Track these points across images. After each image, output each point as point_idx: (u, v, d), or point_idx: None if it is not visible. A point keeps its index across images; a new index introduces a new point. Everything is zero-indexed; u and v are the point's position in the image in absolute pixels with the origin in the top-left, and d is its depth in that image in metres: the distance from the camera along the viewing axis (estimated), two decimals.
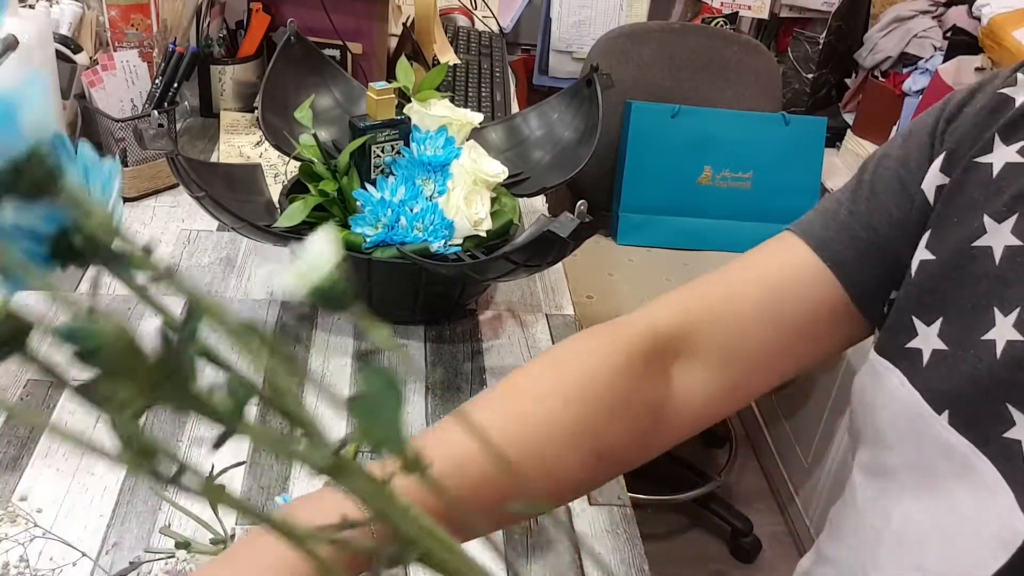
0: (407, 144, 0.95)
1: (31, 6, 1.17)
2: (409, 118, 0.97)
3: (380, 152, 0.94)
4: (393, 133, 0.94)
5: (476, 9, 1.92)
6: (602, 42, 1.91)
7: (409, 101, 0.99)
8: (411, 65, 1.02)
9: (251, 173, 0.99)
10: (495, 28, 1.92)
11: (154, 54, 1.24)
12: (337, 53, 1.34)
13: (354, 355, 0.90)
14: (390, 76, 1.33)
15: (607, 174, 1.92)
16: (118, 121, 1.09)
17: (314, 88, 1.06)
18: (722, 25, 2.11)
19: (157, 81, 1.15)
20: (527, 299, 1.02)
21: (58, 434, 0.22)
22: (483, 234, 0.92)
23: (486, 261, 0.84)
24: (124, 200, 1.12)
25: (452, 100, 1.04)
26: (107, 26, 1.23)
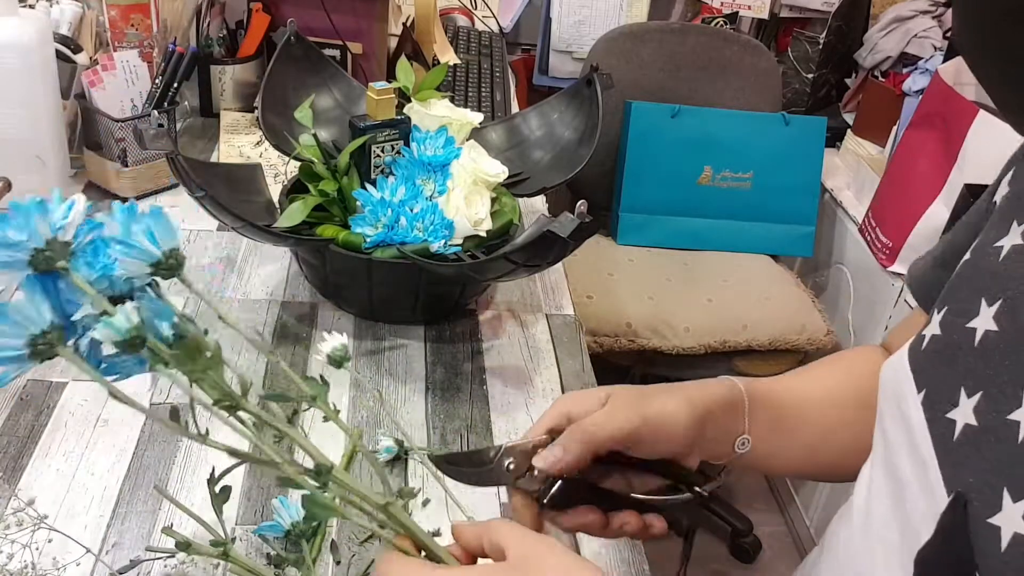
0: (407, 144, 0.95)
1: (31, 6, 1.17)
2: (409, 118, 0.97)
3: (380, 152, 0.94)
4: (393, 133, 0.94)
5: (476, 9, 1.92)
6: (602, 42, 1.91)
7: (409, 101, 0.99)
8: (411, 65, 1.02)
9: (251, 173, 0.99)
10: (495, 28, 1.92)
11: (154, 54, 1.24)
12: (337, 53, 1.34)
13: (354, 355, 0.90)
14: (390, 76, 1.33)
15: (607, 174, 1.92)
16: (118, 121, 1.09)
17: (314, 88, 1.06)
18: (722, 25, 2.11)
19: (157, 81, 1.15)
20: (527, 299, 1.02)
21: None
22: (483, 234, 0.92)
23: (486, 261, 0.84)
24: (124, 200, 1.12)
25: (452, 100, 1.04)
26: (107, 26, 1.23)
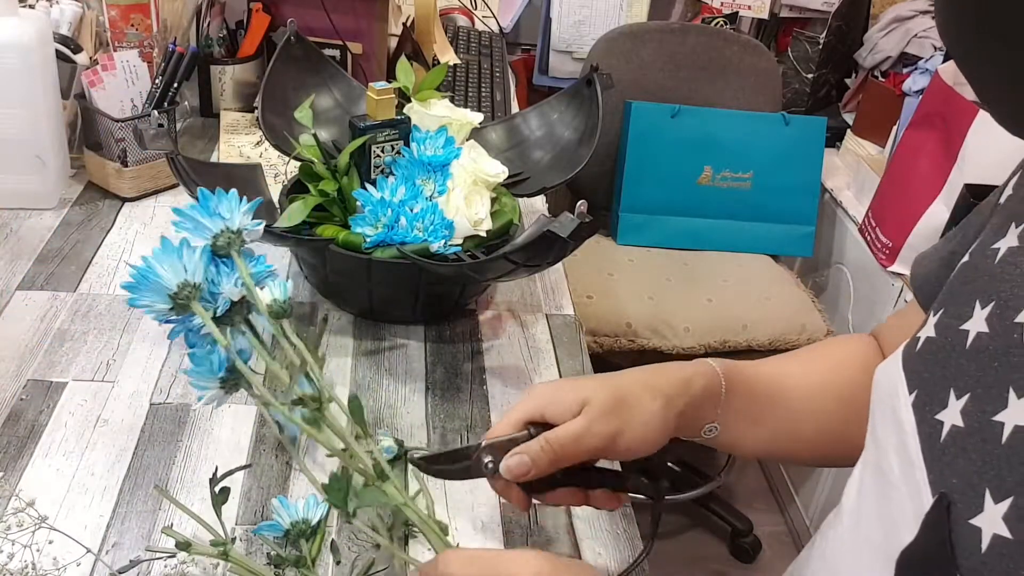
0: (407, 144, 0.95)
1: (31, 6, 1.17)
2: (409, 118, 0.97)
3: (380, 152, 0.94)
4: (393, 133, 0.94)
5: (476, 9, 1.92)
6: (602, 42, 1.91)
7: (409, 101, 0.99)
8: (411, 65, 1.02)
9: (251, 173, 0.99)
10: (495, 28, 1.92)
11: (154, 54, 1.24)
12: (337, 53, 1.34)
13: (355, 355, 0.90)
14: (390, 76, 1.33)
15: (607, 174, 1.92)
16: (118, 121, 1.09)
17: (314, 88, 1.06)
18: (722, 25, 2.11)
19: (157, 81, 1.15)
20: (527, 299, 1.02)
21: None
22: (483, 234, 0.92)
23: (486, 261, 0.84)
24: (124, 200, 1.12)
25: (452, 100, 1.04)
26: (107, 26, 1.23)
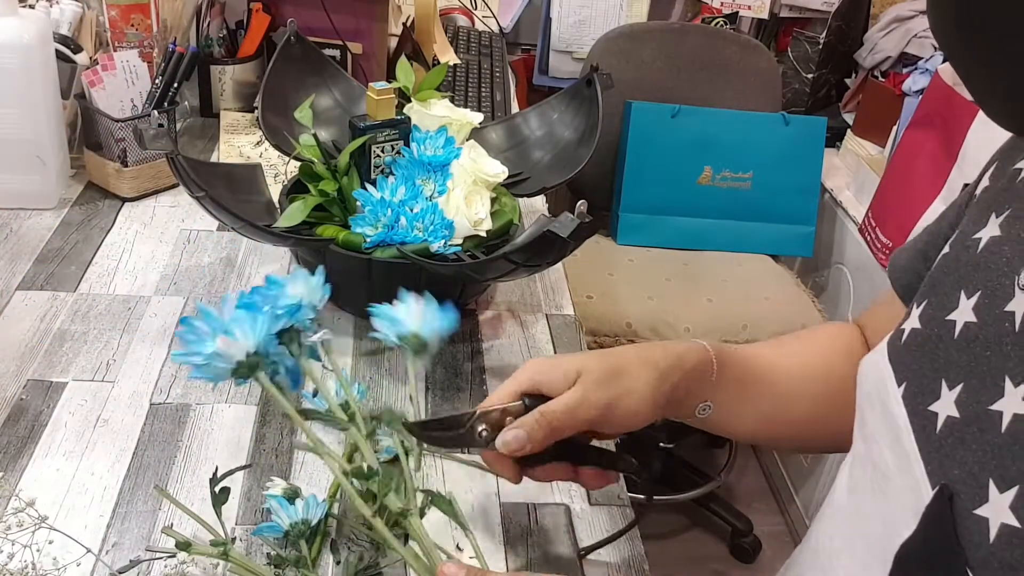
0: (407, 144, 0.95)
1: (31, 6, 1.17)
2: (409, 118, 0.97)
3: (380, 152, 0.94)
4: (393, 133, 0.94)
5: (476, 9, 1.92)
6: (602, 42, 1.91)
7: (409, 101, 0.99)
8: (411, 65, 1.02)
9: (251, 173, 0.99)
10: (495, 28, 1.92)
11: (154, 54, 1.24)
12: (337, 53, 1.34)
13: (355, 355, 0.90)
14: (390, 76, 1.33)
15: (607, 174, 1.92)
16: (118, 121, 1.09)
17: (314, 88, 1.06)
18: (722, 25, 2.11)
19: (157, 81, 1.15)
20: (527, 299, 1.02)
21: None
22: (483, 234, 0.92)
23: (486, 261, 0.84)
24: (124, 200, 1.12)
25: (452, 100, 1.04)
26: (107, 26, 1.23)
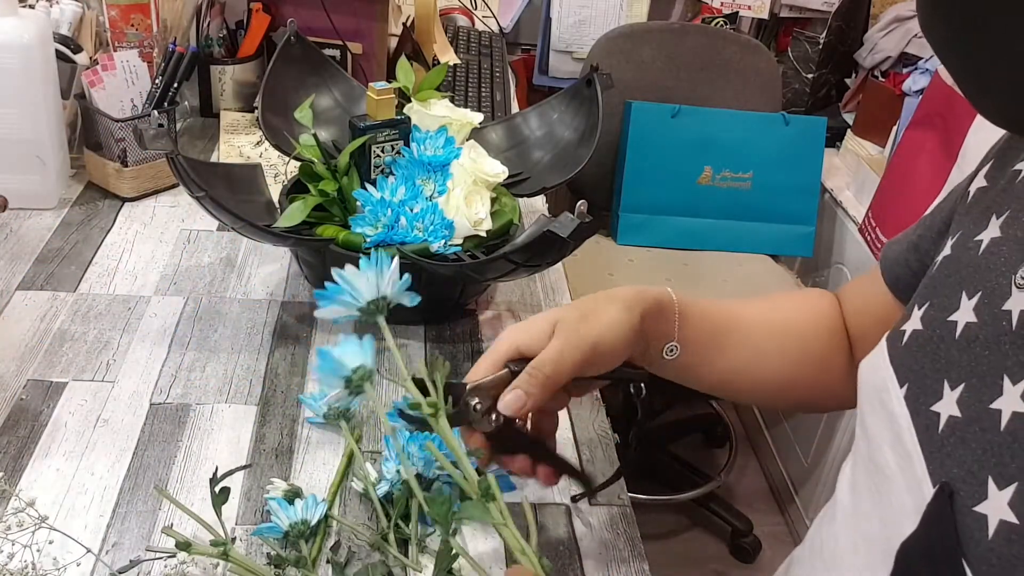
0: (407, 144, 0.95)
1: (31, 6, 1.17)
2: (409, 118, 0.97)
3: (380, 152, 0.94)
4: (393, 133, 0.94)
5: (476, 9, 1.92)
6: (602, 42, 1.91)
7: (409, 101, 0.99)
8: (411, 65, 1.02)
9: (251, 173, 0.99)
10: (495, 28, 1.92)
11: (154, 54, 1.24)
12: (337, 53, 1.34)
13: None
14: (390, 76, 1.33)
15: (607, 174, 1.92)
16: (118, 121, 1.09)
17: (314, 88, 1.06)
18: (722, 25, 2.11)
19: (157, 81, 1.15)
20: (527, 299, 1.02)
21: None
22: (483, 234, 0.92)
23: (486, 261, 0.85)
24: (124, 200, 1.12)
25: (452, 100, 1.04)
26: (107, 26, 1.23)
